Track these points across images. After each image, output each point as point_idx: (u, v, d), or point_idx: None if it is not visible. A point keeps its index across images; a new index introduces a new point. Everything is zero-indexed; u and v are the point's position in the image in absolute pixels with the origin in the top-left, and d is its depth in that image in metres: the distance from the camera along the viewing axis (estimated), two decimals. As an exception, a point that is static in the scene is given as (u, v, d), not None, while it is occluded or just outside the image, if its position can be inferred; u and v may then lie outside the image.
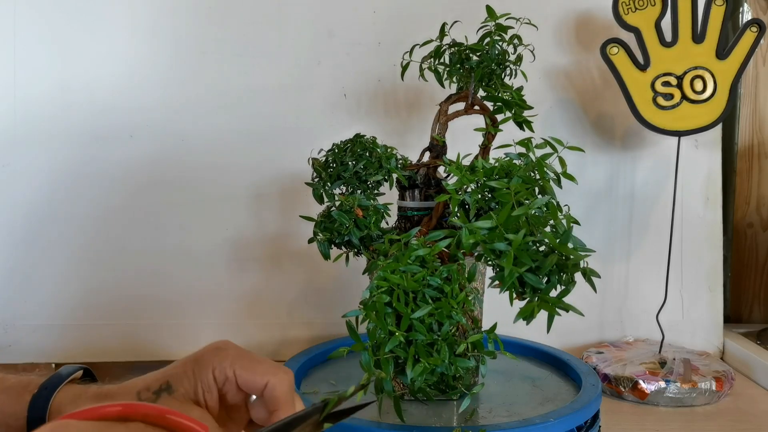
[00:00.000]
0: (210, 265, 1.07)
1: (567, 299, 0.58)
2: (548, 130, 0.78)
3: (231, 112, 1.07)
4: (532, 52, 0.79)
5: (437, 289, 0.57)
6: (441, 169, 0.81)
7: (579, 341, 1.09)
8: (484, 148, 0.80)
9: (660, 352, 1.00)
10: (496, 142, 0.78)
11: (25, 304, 1.05)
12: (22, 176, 1.04)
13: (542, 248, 0.58)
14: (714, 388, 0.91)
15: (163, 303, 1.06)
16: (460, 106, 0.81)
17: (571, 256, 0.57)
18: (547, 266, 0.55)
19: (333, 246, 0.76)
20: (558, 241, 0.57)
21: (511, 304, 0.59)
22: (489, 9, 0.77)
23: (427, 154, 0.81)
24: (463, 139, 0.83)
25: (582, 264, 0.58)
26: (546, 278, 0.57)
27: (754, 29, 0.96)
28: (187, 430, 0.42)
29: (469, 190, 0.66)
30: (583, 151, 0.70)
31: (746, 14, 1.20)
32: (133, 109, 1.05)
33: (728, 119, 1.21)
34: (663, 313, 0.99)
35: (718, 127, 1.12)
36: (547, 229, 0.60)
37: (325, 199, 0.79)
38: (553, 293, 0.58)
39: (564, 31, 1.11)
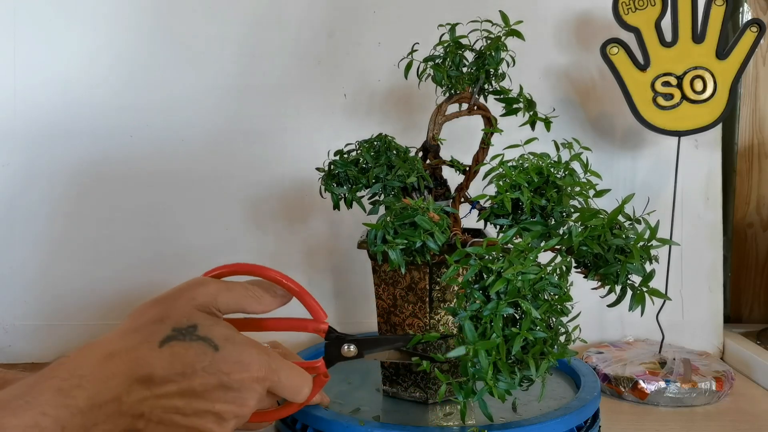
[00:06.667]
0: (210, 266, 1.07)
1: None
2: (550, 129, 0.78)
3: (231, 112, 1.07)
4: (513, 58, 0.79)
5: (556, 286, 0.58)
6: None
7: (579, 341, 1.09)
8: (484, 148, 0.80)
9: (660, 352, 1.00)
10: (498, 143, 0.78)
11: (25, 304, 1.05)
12: (22, 176, 1.04)
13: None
14: (714, 388, 0.91)
15: (163, 303, 1.06)
16: (456, 106, 0.81)
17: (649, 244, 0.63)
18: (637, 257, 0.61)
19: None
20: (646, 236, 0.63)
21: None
22: (503, 15, 0.77)
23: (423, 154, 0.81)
24: (456, 138, 0.83)
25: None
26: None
27: (754, 29, 0.96)
28: (280, 280, 0.60)
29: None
30: (590, 150, 0.70)
31: (746, 14, 1.20)
32: (133, 109, 1.05)
33: (728, 119, 1.21)
34: (663, 313, 0.99)
35: (718, 127, 1.12)
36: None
37: (343, 204, 0.76)
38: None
39: (564, 31, 1.11)
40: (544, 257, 0.61)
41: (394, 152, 0.77)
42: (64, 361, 0.47)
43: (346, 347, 0.62)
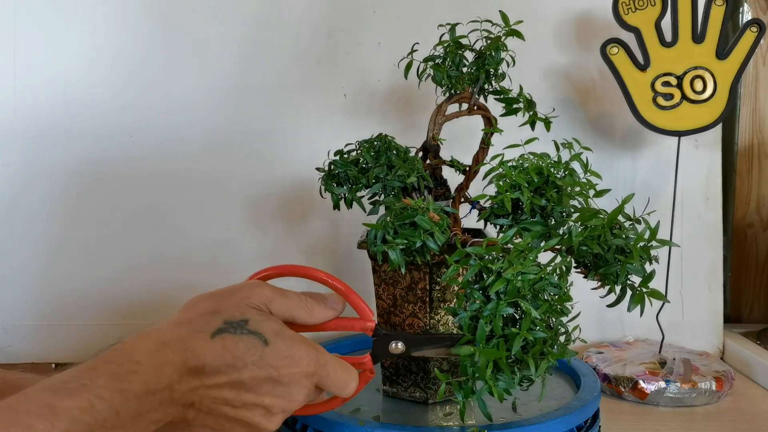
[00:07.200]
0: (210, 266, 1.07)
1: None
2: (550, 129, 0.78)
3: (231, 112, 1.07)
4: (513, 58, 0.79)
5: (555, 286, 0.58)
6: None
7: (579, 341, 1.09)
8: (484, 148, 0.80)
9: (660, 352, 1.00)
10: (498, 143, 0.78)
11: (25, 304, 1.05)
12: (22, 176, 1.04)
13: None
14: (714, 388, 0.91)
15: (163, 303, 1.06)
16: (456, 106, 0.81)
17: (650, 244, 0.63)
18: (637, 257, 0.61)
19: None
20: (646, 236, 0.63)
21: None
22: (503, 15, 0.77)
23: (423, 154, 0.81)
24: (456, 138, 0.83)
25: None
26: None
27: (754, 29, 0.96)
28: (326, 280, 0.60)
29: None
30: (590, 150, 0.70)
31: (746, 14, 1.20)
32: (133, 109, 1.05)
33: (728, 119, 1.21)
34: (663, 313, 0.99)
35: (718, 127, 1.12)
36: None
37: (343, 204, 0.76)
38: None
39: (564, 31, 1.11)
40: (544, 257, 0.61)
41: (394, 152, 0.77)
42: (120, 347, 0.48)
43: (393, 344, 0.62)
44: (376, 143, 0.78)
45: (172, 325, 0.52)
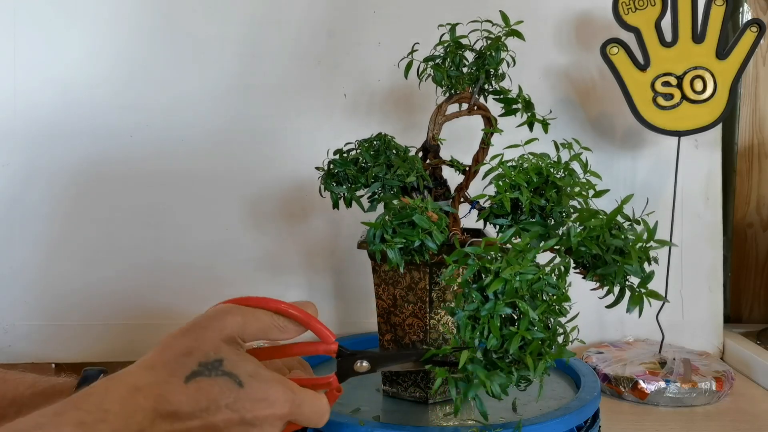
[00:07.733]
0: (209, 266, 1.07)
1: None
2: (548, 131, 0.78)
3: (231, 112, 1.07)
4: (513, 58, 0.79)
5: (554, 286, 0.58)
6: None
7: (577, 342, 1.09)
8: (484, 148, 0.80)
9: (660, 352, 1.00)
10: (497, 143, 0.78)
11: (25, 304, 1.05)
12: (22, 176, 1.04)
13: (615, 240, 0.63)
14: (714, 388, 0.91)
15: (163, 303, 1.06)
16: (456, 106, 0.81)
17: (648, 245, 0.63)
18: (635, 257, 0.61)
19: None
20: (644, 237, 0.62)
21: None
22: (503, 15, 0.77)
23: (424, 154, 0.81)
24: (456, 139, 0.83)
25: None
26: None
27: (754, 29, 0.96)
28: (286, 310, 0.58)
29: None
30: (590, 150, 0.70)
31: (746, 14, 1.20)
32: (133, 109, 1.05)
33: (728, 119, 1.21)
34: (663, 313, 0.99)
35: (718, 127, 1.12)
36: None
37: (342, 203, 0.76)
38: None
39: (564, 31, 1.11)
40: (543, 257, 0.61)
41: (394, 151, 0.77)
42: (89, 391, 0.47)
43: (359, 363, 0.61)
44: (375, 143, 0.78)
45: (145, 368, 0.51)
